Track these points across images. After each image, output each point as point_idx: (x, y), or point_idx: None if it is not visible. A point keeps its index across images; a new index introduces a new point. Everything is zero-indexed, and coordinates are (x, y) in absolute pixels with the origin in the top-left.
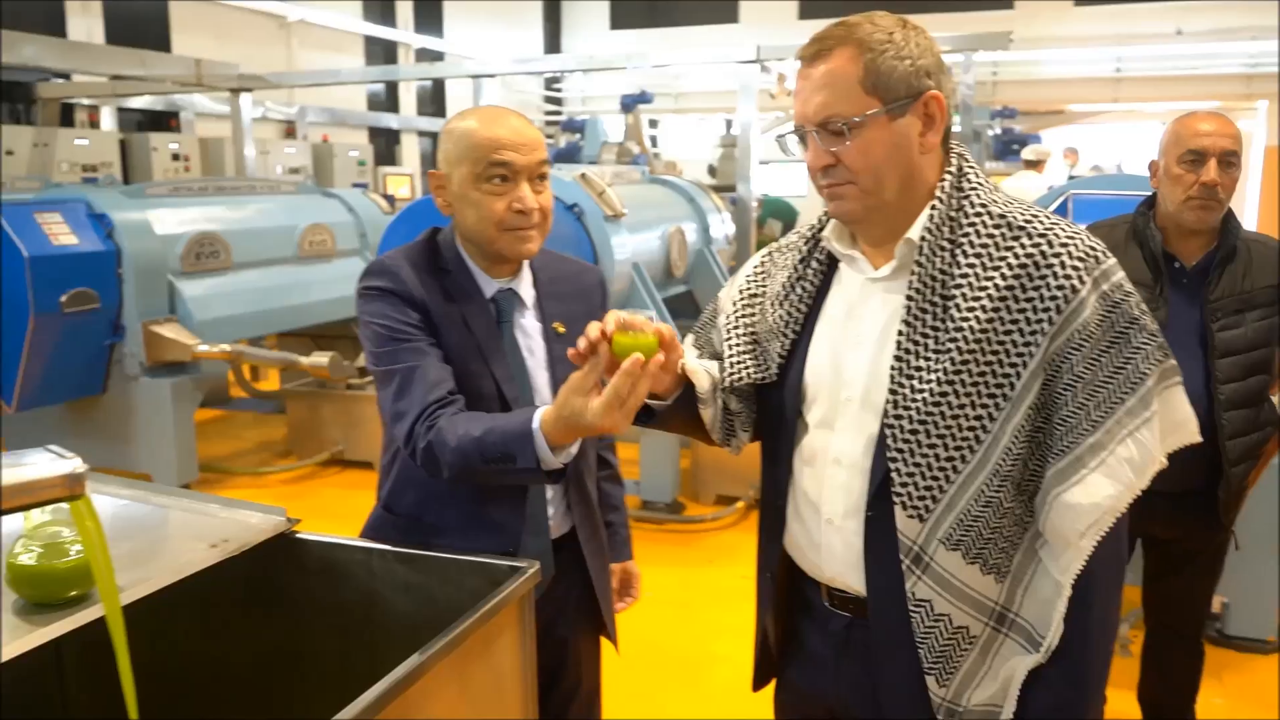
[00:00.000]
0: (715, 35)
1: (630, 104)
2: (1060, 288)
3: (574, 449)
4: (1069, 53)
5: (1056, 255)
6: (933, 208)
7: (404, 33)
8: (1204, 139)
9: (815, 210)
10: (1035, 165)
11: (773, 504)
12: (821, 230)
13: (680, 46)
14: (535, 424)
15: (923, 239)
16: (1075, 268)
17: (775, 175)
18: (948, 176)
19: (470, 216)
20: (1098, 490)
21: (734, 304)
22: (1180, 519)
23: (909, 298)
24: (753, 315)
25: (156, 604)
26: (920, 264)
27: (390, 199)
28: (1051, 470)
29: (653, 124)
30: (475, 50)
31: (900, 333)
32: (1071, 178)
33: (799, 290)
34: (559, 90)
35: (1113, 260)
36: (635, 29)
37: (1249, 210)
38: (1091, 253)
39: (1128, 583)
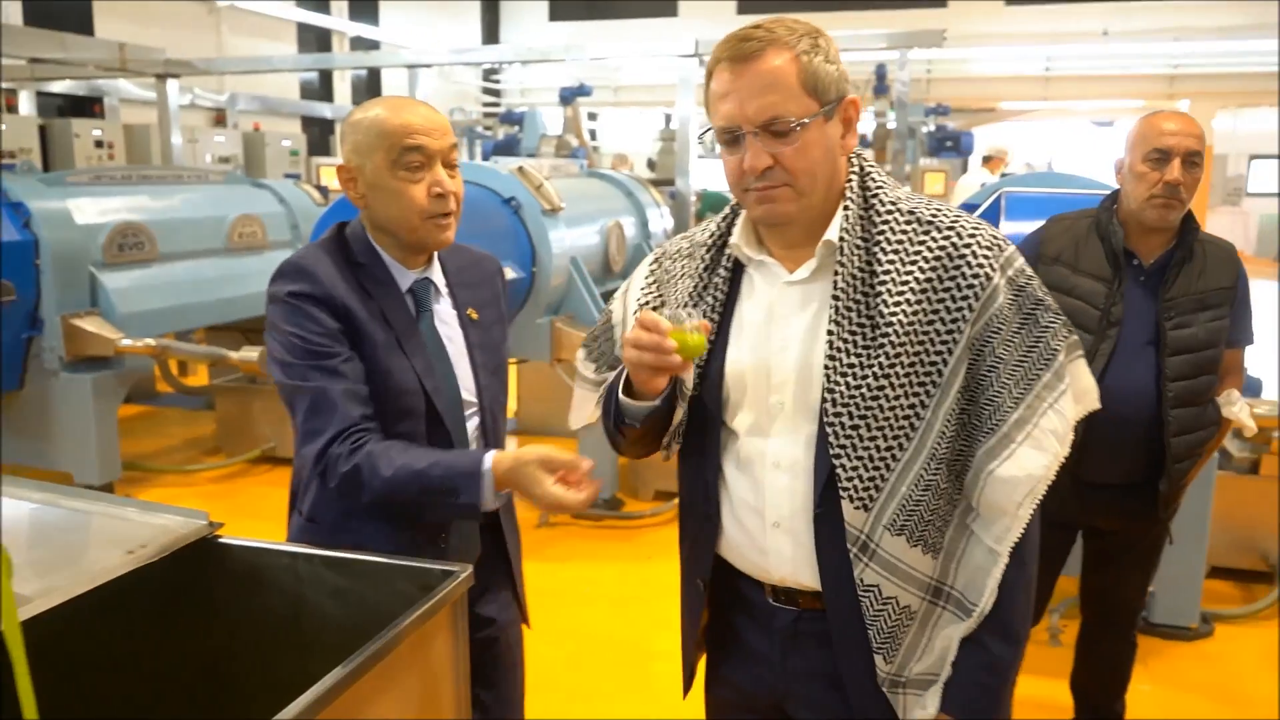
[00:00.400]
0: (654, 29)
1: (569, 96)
2: (976, 276)
3: (507, 493)
4: (1001, 51)
5: (967, 246)
6: (845, 208)
7: (339, 20)
8: (1169, 138)
9: None
10: (991, 162)
11: (700, 512)
12: (726, 235)
13: (619, 39)
14: (487, 465)
15: (841, 239)
16: (986, 257)
17: (714, 170)
18: (853, 177)
19: (390, 207)
20: (1029, 462)
21: (635, 318)
22: (1121, 510)
23: (835, 297)
24: None
25: (68, 614)
26: (842, 263)
27: (324, 190)
28: (982, 449)
29: (592, 117)
30: (412, 40)
31: (830, 332)
32: (1004, 175)
33: (710, 298)
34: (497, 82)
35: (1013, 248)
36: (574, 21)
37: None
38: (995, 241)
39: (1065, 573)
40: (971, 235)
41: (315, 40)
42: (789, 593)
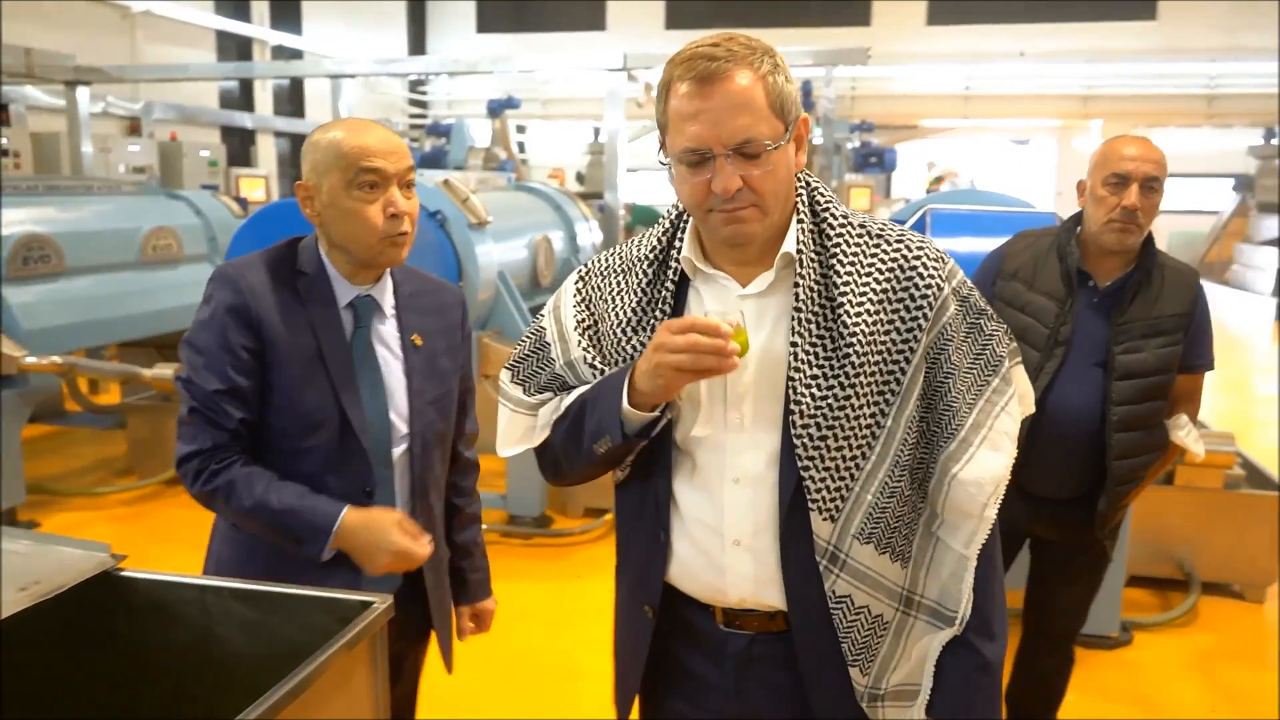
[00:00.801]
0: (583, 42)
1: (497, 109)
2: (929, 287)
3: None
4: (922, 70)
5: (917, 258)
6: (799, 222)
7: (259, 28)
8: (1129, 163)
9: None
10: (939, 182)
11: (647, 534)
12: (668, 250)
13: (548, 52)
14: (337, 524)
15: (799, 251)
16: (935, 269)
17: (643, 183)
18: (802, 193)
19: (344, 226)
20: (989, 463)
21: (578, 340)
22: (1063, 523)
23: (796, 309)
24: (596, 345)
25: None
26: (802, 275)
27: (243, 202)
28: (943, 454)
29: (520, 130)
30: (336, 49)
31: (793, 344)
32: (928, 191)
33: (657, 314)
34: (424, 93)
35: (953, 261)
36: (502, 33)
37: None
38: (939, 254)
39: (1010, 586)
40: (920, 248)
41: (235, 48)
42: (743, 616)
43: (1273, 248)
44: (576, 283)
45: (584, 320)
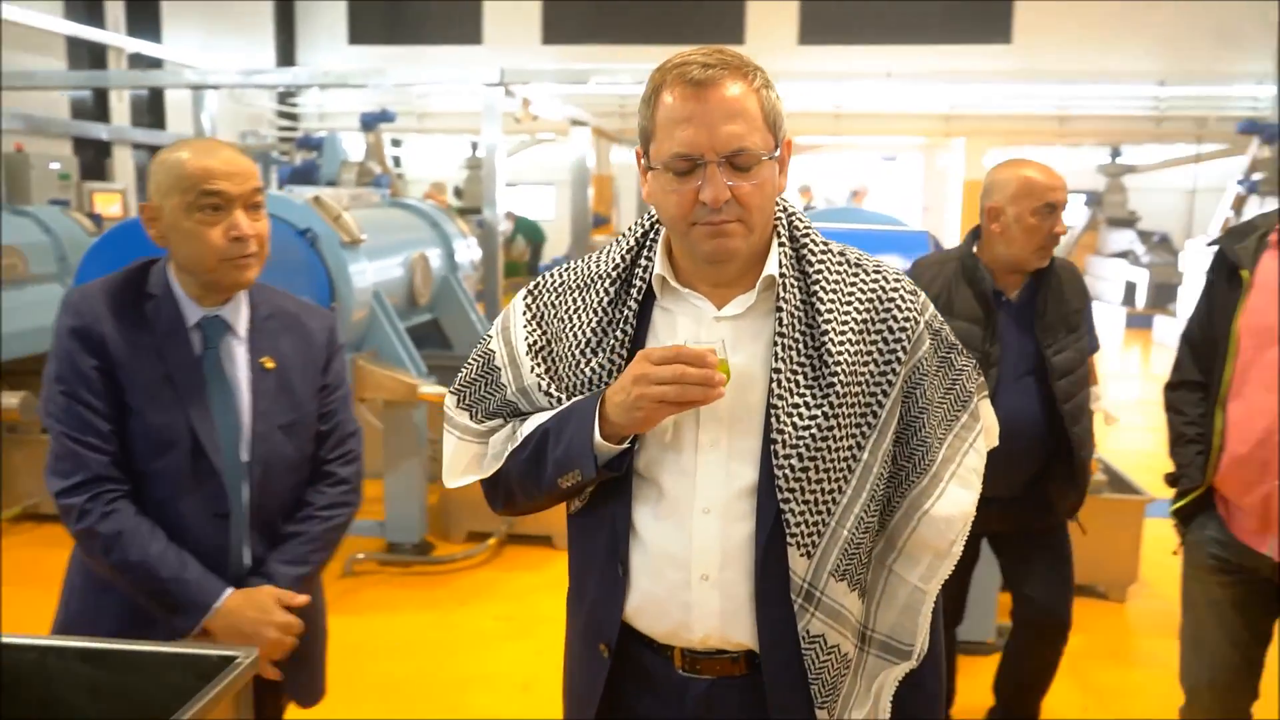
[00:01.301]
0: (458, 55)
1: (371, 122)
2: (907, 319)
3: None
4: (794, 88)
5: (895, 290)
6: (780, 245)
7: (114, 35)
8: (1057, 193)
9: (562, 234)
10: (858, 195)
11: (604, 567)
12: (634, 267)
13: (423, 65)
14: (217, 604)
15: (781, 274)
16: (911, 301)
17: (524, 197)
18: (781, 216)
19: (186, 248)
20: (959, 499)
21: (531, 360)
22: (1017, 514)
23: (780, 334)
24: (542, 369)
25: None
26: (785, 299)
27: (96, 218)
28: (915, 489)
29: (396, 143)
30: (198, 58)
31: (776, 370)
32: (808, 208)
33: (617, 334)
34: (294, 105)
35: (924, 295)
36: (375, 45)
37: (950, 238)
38: (913, 287)
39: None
40: (896, 279)
41: (88, 55)
42: (703, 660)
43: (1121, 260)
44: (525, 299)
45: (536, 341)
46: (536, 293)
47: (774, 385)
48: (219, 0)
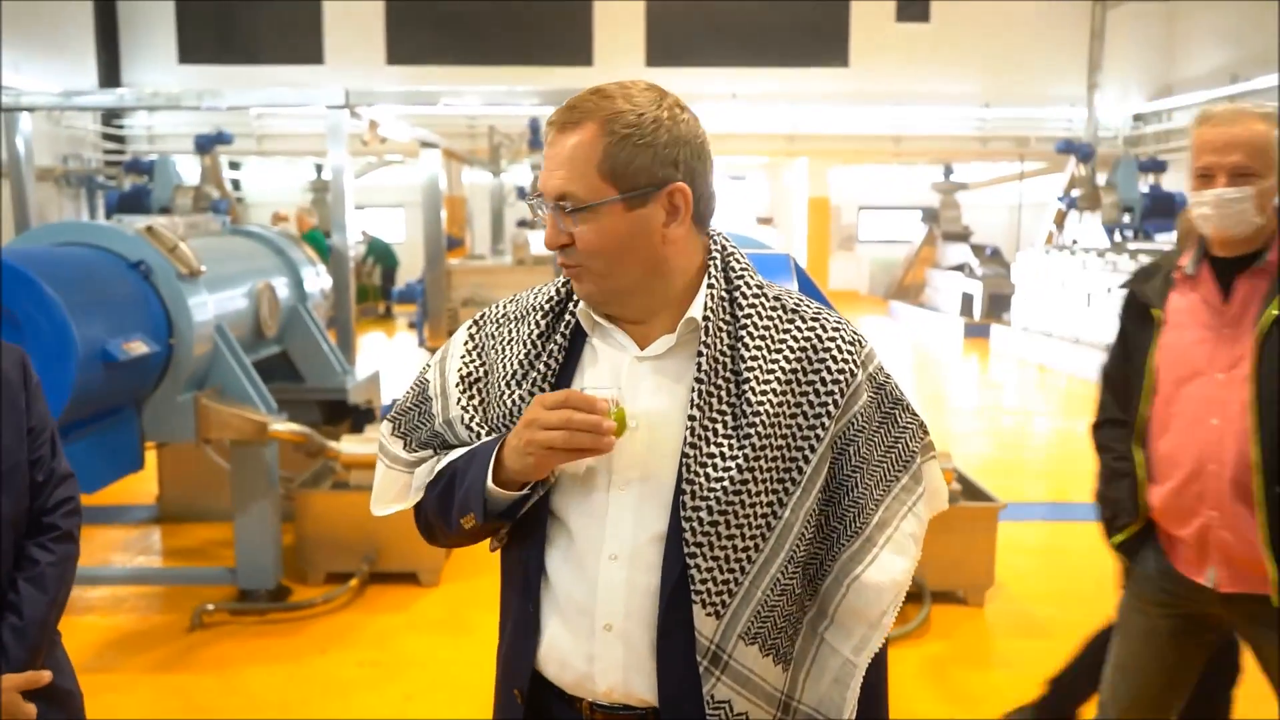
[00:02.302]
0: (299, 75)
1: (206, 144)
2: (841, 371)
3: None
4: None
5: (832, 340)
6: (710, 287)
7: None
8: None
9: (415, 256)
10: (768, 221)
11: (518, 609)
12: (565, 300)
13: (259, 86)
14: None
15: (705, 318)
16: (850, 352)
17: (375, 219)
18: (716, 257)
19: None
20: (892, 567)
21: (460, 392)
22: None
23: (698, 379)
24: (475, 401)
25: None
26: (707, 344)
27: None
28: (845, 553)
29: (234, 166)
30: (11, 78)
31: (692, 417)
32: None
33: (541, 367)
34: (120, 127)
35: (871, 345)
36: (207, 64)
37: (798, 252)
38: (857, 337)
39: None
40: (835, 329)
41: None
42: (610, 712)
43: (958, 273)
44: (470, 328)
45: (471, 373)
46: (481, 322)
47: (688, 432)
48: (31, 15)
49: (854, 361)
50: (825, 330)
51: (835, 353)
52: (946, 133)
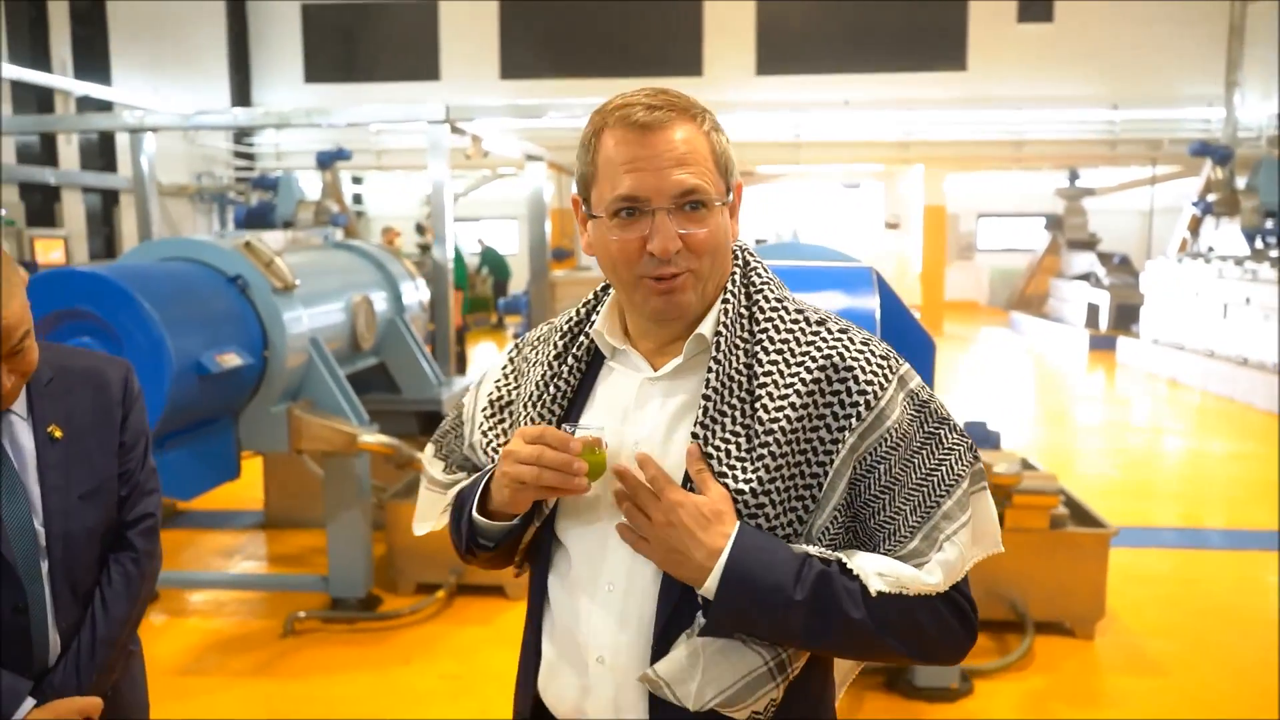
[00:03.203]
0: (416, 92)
1: (327, 161)
2: (869, 383)
3: None
4: (754, 118)
5: (859, 354)
6: (725, 302)
7: (61, 79)
8: None
9: (524, 268)
10: (894, 226)
11: (528, 634)
12: (584, 322)
13: (379, 102)
14: (19, 715)
15: (718, 334)
16: (879, 367)
17: (489, 230)
18: (736, 270)
19: None
20: (911, 571)
21: (484, 414)
22: None
23: (706, 397)
24: (504, 425)
25: None
26: (718, 360)
27: (31, 266)
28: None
29: (357, 181)
30: (150, 100)
31: (695, 435)
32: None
33: (553, 390)
34: (250, 145)
35: (907, 364)
36: (331, 83)
37: (914, 262)
38: (890, 353)
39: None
40: (864, 343)
41: (35, 100)
42: None
43: (1083, 282)
44: (510, 351)
45: (502, 396)
46: (521, 344)
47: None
48: (170, 40)
49: (884, 376)
50: (853, 344)
51: (865, 364)
52: (1071, 136)
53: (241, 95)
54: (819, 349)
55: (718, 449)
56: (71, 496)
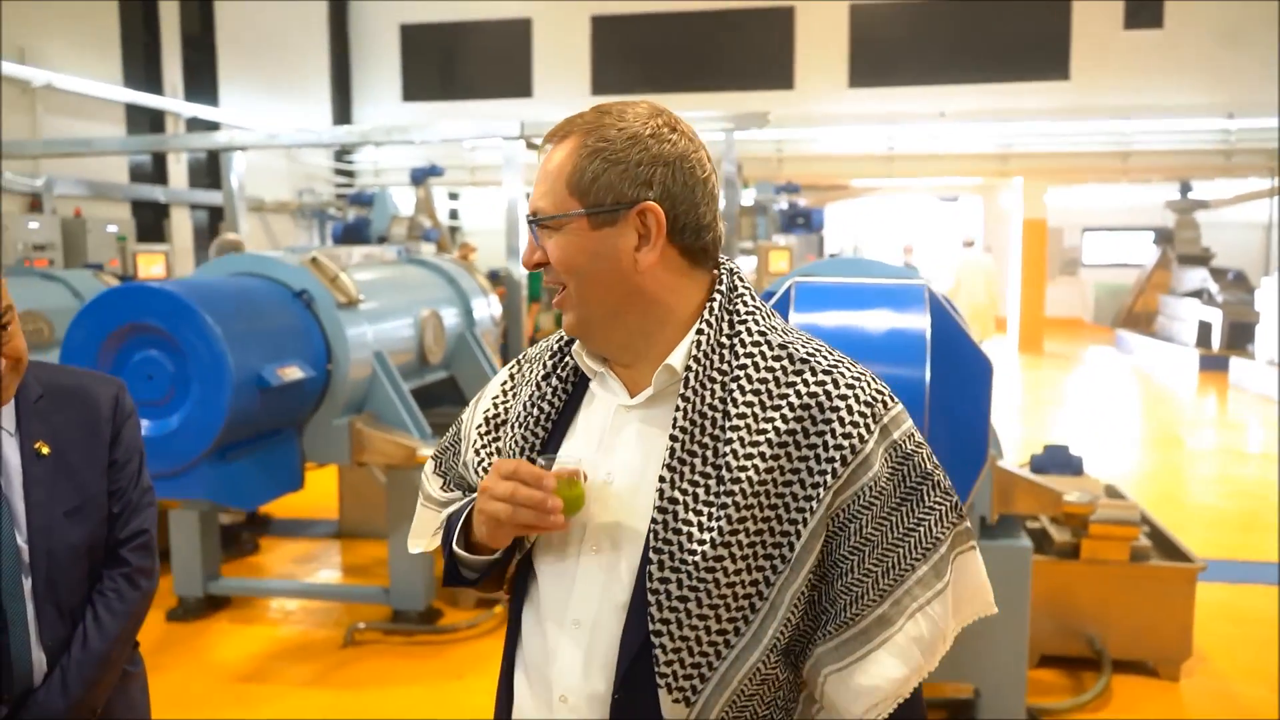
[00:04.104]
0: (510, 109)
1: (420, 177)
2: (847, 435)
3: None
4: (846, 131)
5: (843, 398)
6: (699, 332)
7: (172, 100)
8: None
9: None
10: (970, 245)
11: (503, 669)
12: (572, 341)
13: (473, 119)
14: None
15: (688, 368)
16: (862, 414)
17: None
18: (717, 297)
19: None
20: (883, 671)
21: (479, 432)
22: None
23: (673, 437)
24: (497, 444)
25: None
26: (687, 398)
27: (130, 280)
28: (833, 642)
29: (453, 196)
30: (256, 120)
31: (663, 478)
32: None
33: (536, 412)
34: (350, 162)
35: (900, 406)
36: (428, 101)
37: (1013, 277)
38: (878, 397)
39: None
40: (849, 386)
41: (147, 121)
42: None
43: (1194, 299)
44: (512, 368)
45: (498, 414)
46: (522, 360)
47: (657, 494)
48: (275, 61)
49: (865, 426)
50: (837, 387)
51: (845, 413)
52: (1182, 147)
53: (343, 114)
54: (798, 392)
55: (684, 492)
56: (56, 513)
